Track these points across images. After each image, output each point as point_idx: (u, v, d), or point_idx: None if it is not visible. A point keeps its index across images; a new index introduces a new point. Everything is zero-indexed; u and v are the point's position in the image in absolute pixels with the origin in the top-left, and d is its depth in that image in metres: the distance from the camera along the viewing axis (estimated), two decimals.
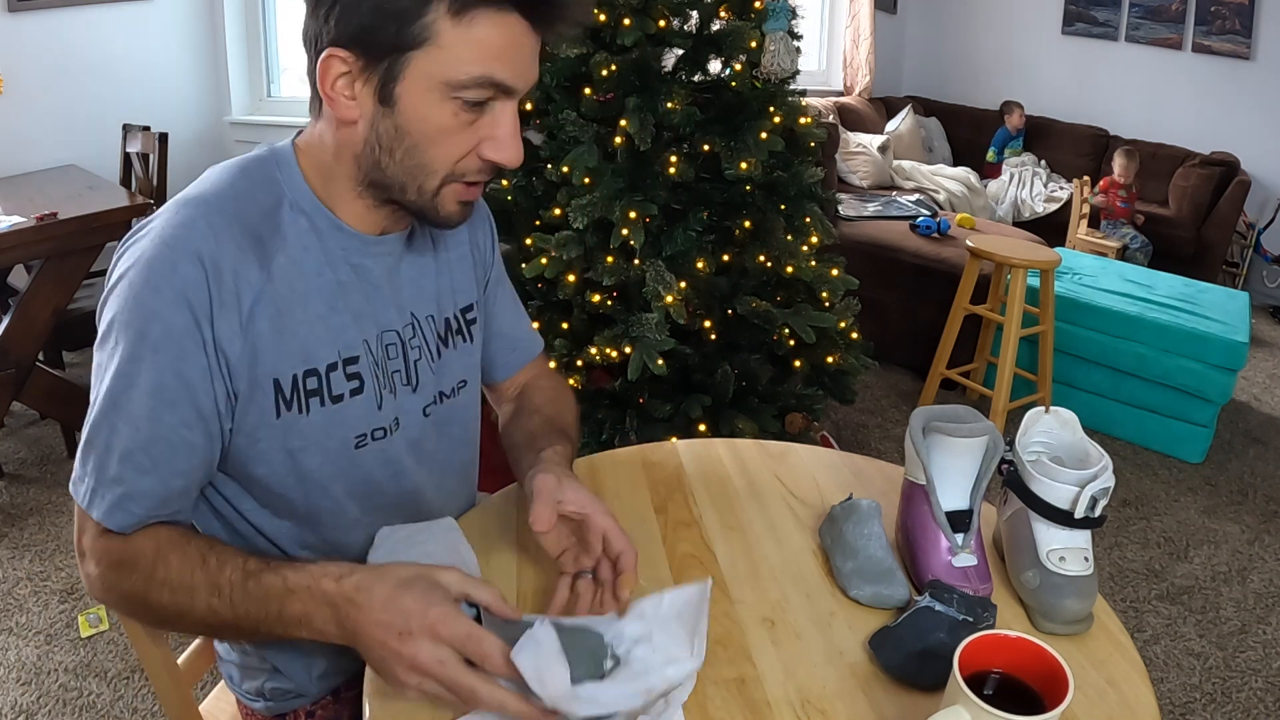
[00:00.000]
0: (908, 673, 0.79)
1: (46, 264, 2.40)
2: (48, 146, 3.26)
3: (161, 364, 0.75)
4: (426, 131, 0.77)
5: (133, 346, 0.75)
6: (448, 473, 1.02)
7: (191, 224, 0.76)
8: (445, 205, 0.82)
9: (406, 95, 0.76)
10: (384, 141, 0.78)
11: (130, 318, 0.75)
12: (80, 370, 3.24)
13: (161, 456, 0.77)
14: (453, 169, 0.80)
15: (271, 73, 3.98)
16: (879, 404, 3.28)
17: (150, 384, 0.76)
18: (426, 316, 0.94)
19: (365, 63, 0.76)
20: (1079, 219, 4.61)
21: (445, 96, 0.76)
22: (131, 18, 3.51)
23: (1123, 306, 3.06)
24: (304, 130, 0.86)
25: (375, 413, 0.88)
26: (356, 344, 0.86)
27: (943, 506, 0.91)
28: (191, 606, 0.76)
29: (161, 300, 0.74)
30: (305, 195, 0.83)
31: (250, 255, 0.78)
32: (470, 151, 0.80)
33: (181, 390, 0.76)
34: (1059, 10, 5.27)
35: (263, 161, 0.84)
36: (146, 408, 0.76)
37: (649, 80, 2.04)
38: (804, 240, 2.20)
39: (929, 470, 0.91)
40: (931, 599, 0.79)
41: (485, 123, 0.78)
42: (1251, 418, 3.34)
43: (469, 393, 1.02)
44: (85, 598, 2.08)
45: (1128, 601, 2.26)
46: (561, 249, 2.03)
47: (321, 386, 0.83)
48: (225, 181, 0.81)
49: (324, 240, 0.83)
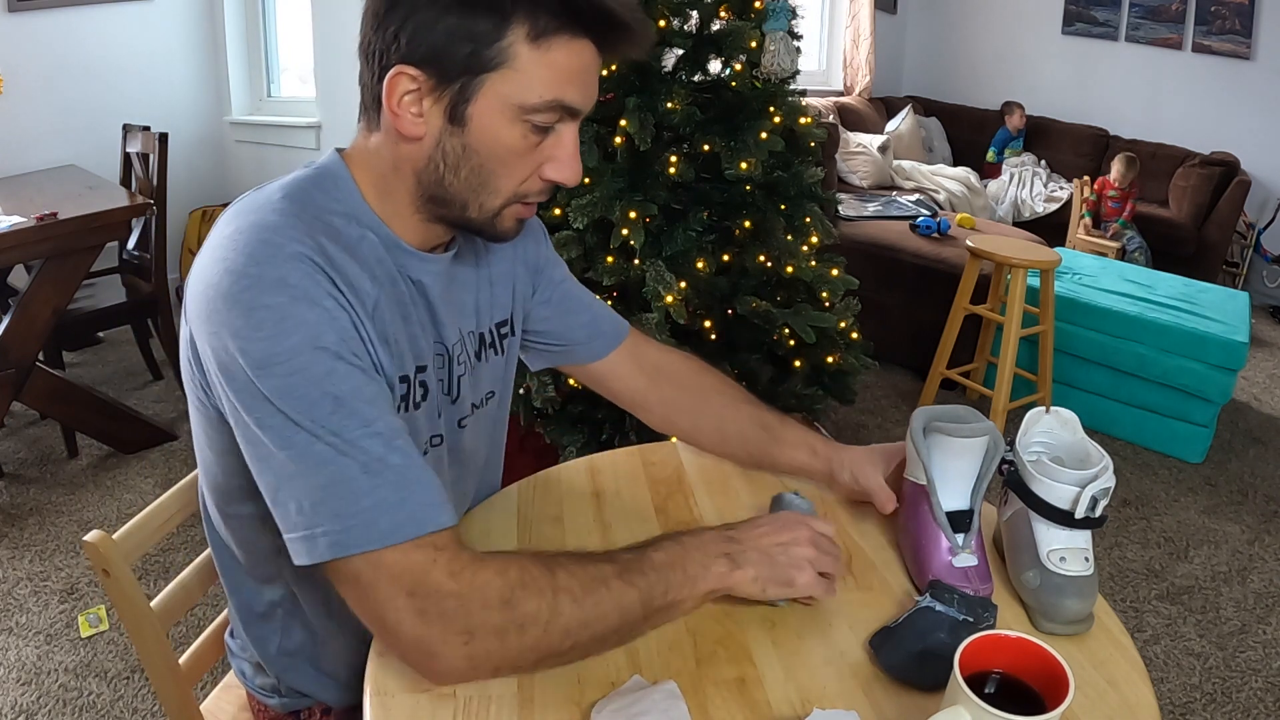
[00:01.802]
0: (908, 673, 0.79)
1: (46, 264, 2.40)
2: (48, 146, 3.27)
3: (350, 368, 0.70)
4: (495, 152, 0.77)
5: (317, 364, 0.69)
6: (474, 482, 1.04)
7: (299, 239, 0.71)
8: (504, 223, 0.83)
9: (478, 116, 0.76)
10: (449, 160, 0.78)
11: (298, 341, 0.68)
12: (80, 370, 3.24)
13: (407, 447, 0.71)
14: (516, 190, 0.81)
15: (271, 73, 3.98)
16: (879, 404, 3.28)
17: (352, 389, 0.69)
18: (469, 331, 0.95)
19: (437, 82, 0.75)
20: (1079, 219, 4.61)
21: (517, 119, 0.76)
22: (131, 18, 3.51)
23: (1123, 306, 3.06)
24: (354, 142, 0.84)
25: (435, 420, 0.90)
26: (426, 353, 0.87)
27: (943, 506, 0.91)
28: (606, 595, 0.74)
29: (319, 310, 0.70)
30: (365, 212, 0.81)
31: (355, 263, 0.76)
32: (533, 173, 0.81)
33: (375, 384, 0.73)
34: (1059, 10, 5.27)
35: (319, 181, 0.81)
36: (365, 413, 0.69)
37: (649, 80, 2.04)
38: (804, 240, 2.20)
39: (929, 470, 0.91)
40: (932, 599, 0.79)
41: (549, 144, 0.79)
42: (1251, 418, 3.34)
43: (495, 404, 1.04)
44: (85, 598, 2.08)
45: (1128, 601, 2.26)
46: (561, 249, 2.03)
47: (411, 392, 0.84)
48: (292, 201, 0.76)
49: (391, 254, 0.83)
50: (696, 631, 0.86)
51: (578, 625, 0.73)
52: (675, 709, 0.75)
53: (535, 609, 0.71)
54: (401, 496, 0.69)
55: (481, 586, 0.69)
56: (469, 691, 0.78)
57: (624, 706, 0.75)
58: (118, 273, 3.11)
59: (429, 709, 0.76)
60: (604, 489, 1.11)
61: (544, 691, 0.78)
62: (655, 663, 0.82)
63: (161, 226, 2.87)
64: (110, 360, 3.36)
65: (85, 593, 2.10)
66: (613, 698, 0.77)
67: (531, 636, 0.71)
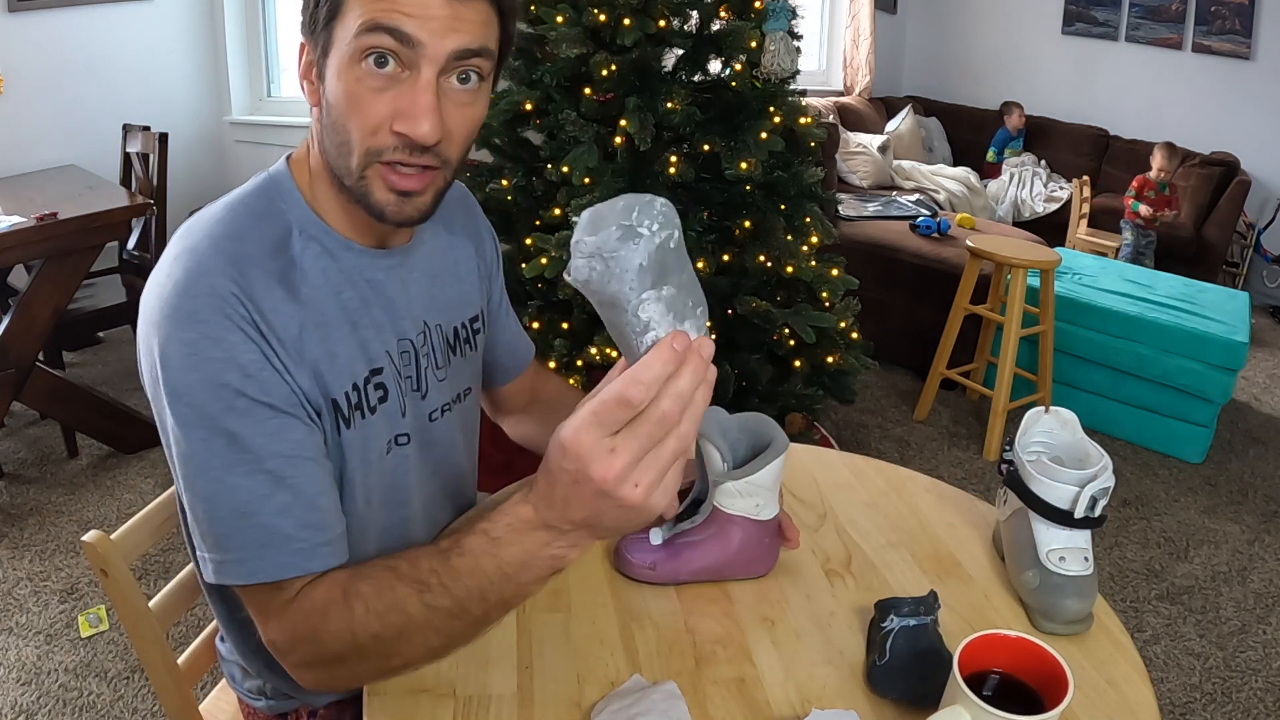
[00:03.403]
0: (916, 694, 0.77)
1: (46, 264, 2.40)
2: (48, 146, 3.27)
3: (251, 404, 0.73)
4: (341, 104, 0.75)
5: (217, 401, 0.72)
6: (451, 477, 1.03)
7: (220, 270, 0.73)
8: (375, 192, 0.77)
9: (330, 69, 0.75)
10: (326, 124, 0.78)
11: (202, 377, 0.71)
12: (80, 370, 3.24)
13: (298, 485, 0.74)
14: (368, 145, 0.75)
15: (271, 73, 3.98)
16: (879, 404, 3.28)
17: (252, 426, 0.72)
18: (436, 325, 0.94)
19: (312, 46, 0.77)
20: (1079, 219, 4.61)
21: (352, 61, 0.73)
22: (131, 18, 3.51)
23: (1123, 306, 3.06)
24: (306, 138, 0.85)
25: (399, 419, 0.89)
26: (381, 355, 0.86)
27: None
28: (408, 621, 0.70)
29: (225, 346, 0.72)
30: (311, 220, 0.82)
31: (280, 290, 0.76)
32: (383, 125, 0.75)
33: (282, 417, 0.74)
34: (1059, 10, 5.27)
35: (263, 193, 0.82)
36: (259, 450, 0.72)
37: (649, 80, 2.04)
38: (804, 240, 2.20)
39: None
40: (896, 619, 0.79)
41: (397, 94, 0.74)
42: (1251, 418, 3.34)
43: (472, 399, 1.04)
44: (85, 598, 2.08)
45: (1128, 601, 2.26)
46: (561, 249, 2.03)
47: (362, 400, 0.83)
48: (228, 225, 0.78)
49: (338, 261, 0.83)
50: (696, 631, 0.87)
51: (392, 642, 0.72)
52: (675, 709, 0.75)
53: (343, 649, 0.73)
54: (264, 542, 0.73)
55: (304, 636, 0.74)
56: (469, 691, 0.78)
57: (624, 707, 0.75)
58: (118, 273, 3.10)
59: (429, 709, 0.76)
60: None
61: (544, 691, 0.79)
62: (655, 663, 0.82)
63: (161, 226, 2.88)
64: (110, 360, 3.36)
65: (85, 593, 2.10)
66: (612, 698, 0.77)
67: (355, 668, 0.75)
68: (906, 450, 2.96)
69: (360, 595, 0.72)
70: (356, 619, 0.71)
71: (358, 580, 0.73)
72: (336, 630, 0.72)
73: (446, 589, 0.69)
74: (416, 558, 0.72)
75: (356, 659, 0.73)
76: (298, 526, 0.74)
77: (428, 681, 0.79)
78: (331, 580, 0.75)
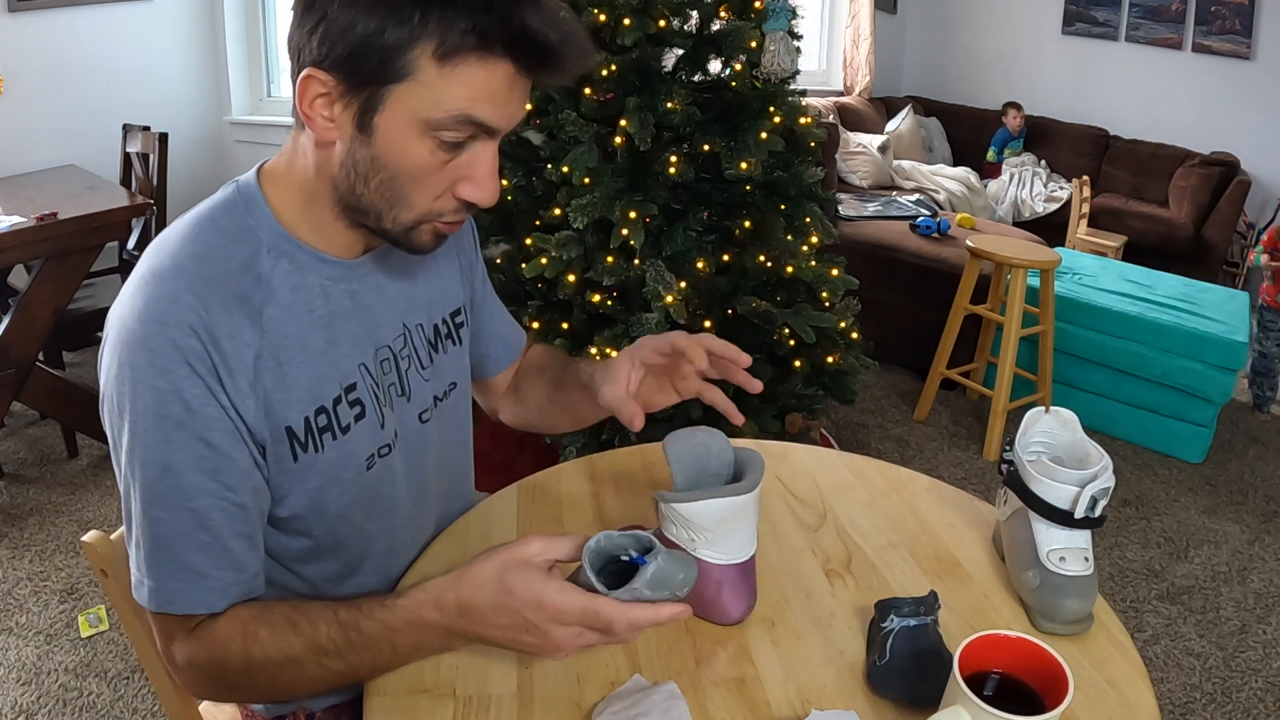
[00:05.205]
0: (916, 694, 0.77)
1: (46, 264, 2.40)
2: (48, 146, 3.27)
3: (189, 438, 0.74)
4: (404, 167, 0.75)
5: (155, 430, 0.74)
6: (445, 472, 1.03)
7: (177, 298, 0.74)
8: (420, 238, 0.81)
9: (385, 127, 0.74)
10: (360, 169, 0.76)
11: (145, 405, 0.73)
12: (80, 370, 3.24)
13: (217, 527, 0.76)
14: (430, 208, 0.78)
15: (271, 73, 3.98)
16: (879, 404, 3.28)
17: (185, 461, 0.74)
18: (416, 325, 0.94)
19: (346, 88, 0.73)
20: (1079, 219, 4.61)
21: (424, 133, 0.74)
22: (131, 18, 3.51)
23: (1123, 306, 3.06)
24: (283, 148, 0.83)
25: (379, 432, 0.88)
26: (353, 371, 0.86)
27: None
28: (301, 674, 0.76)
29: (170, 378, 0.73)
30: (281, 236, 0.81)
31: (240, 316, 0.76)
32: (446, 190, 0.78)
33: (217, 457, 0.75)
34: (1059, 10, 5.27)
35: (230, 208, 0.81)
36: (187, 486, 0.75)
37: (649, 80, 2.04)
38: (804, 240, 2.20)
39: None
40: (895, 619, 0.79)
41: (463, 162, 0.77)
42: (1251, 418, 3.34)
43: (459, 393, 1.03)
44: (85, 598, 2.08)
45: (1128, 601, 2.26)
46: (561, 249, 2.03)
47: (331, 422, 0.83)
48: (195, 244, 0.78)
49: (310, 276, 0.82)
50: (696, 631, 0.86)
51: (288, 686, 0.79)
52: (675, 709, 0.75)
53: (239, 680, 0.78)
54: (178, 577, 0.76)
55: (204, 662, 0.78)
56: (469, 691, 0.78)
57: (625, 708, 0.75)
58: (118, 273, 3.11)
59: (429, 709, 0.76)
60: (604, 489, 1.11)
61: (544, 691, 0.79)
62: (655, 663, 0.82)
63: (161, 226, 2.86)
64: None
65: (85, 593, 2.10)
66: (613, 699, 0.77)
67: (248, 695, 0.85)
68: (906, 450, 2.96)
69: (259, 640, 0.76)
70: (254, 660, 0.76)
71: (258, 624, 0.77)
72: (235, 665, 0.77)
73: (341, 656, 0.75)
74: (316, 620, 0.76)
75: (250, 690, 0.82)
76: (212, 565, 0.77)
77: (428, 681, 0.79)
78: (233, 616, 0.78)
